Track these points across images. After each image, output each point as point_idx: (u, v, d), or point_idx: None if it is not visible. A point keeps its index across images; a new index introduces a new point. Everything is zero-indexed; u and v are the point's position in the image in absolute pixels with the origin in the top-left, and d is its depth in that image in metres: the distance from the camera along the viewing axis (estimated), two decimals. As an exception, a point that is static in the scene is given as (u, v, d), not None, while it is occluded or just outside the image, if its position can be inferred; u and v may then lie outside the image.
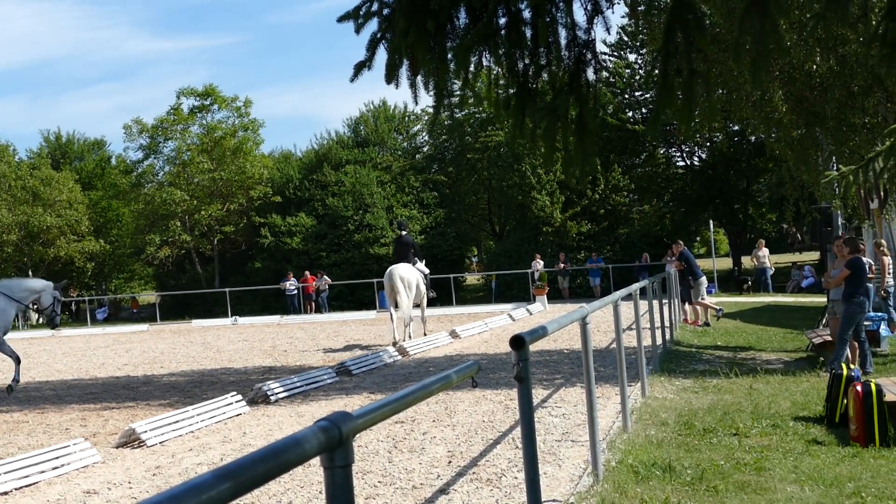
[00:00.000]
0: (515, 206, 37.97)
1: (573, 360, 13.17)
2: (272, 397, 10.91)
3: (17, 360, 13.35)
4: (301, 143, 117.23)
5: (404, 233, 18.72)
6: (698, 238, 46.69)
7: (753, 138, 32.62)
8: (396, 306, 17.02)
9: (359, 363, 13.78)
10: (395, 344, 16.43)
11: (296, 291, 34.83)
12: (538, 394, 10.01)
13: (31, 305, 13.99)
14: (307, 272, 35.56)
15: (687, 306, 19.13)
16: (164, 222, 41.44)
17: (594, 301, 7.67)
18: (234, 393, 10.58)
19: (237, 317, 32.40)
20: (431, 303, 19.87)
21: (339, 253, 38.50)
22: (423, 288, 17.82)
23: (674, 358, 13.08)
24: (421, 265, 18.24)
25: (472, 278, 44.13)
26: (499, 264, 36.69)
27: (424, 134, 45.44)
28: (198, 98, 43.22)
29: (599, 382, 10.04)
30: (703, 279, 18.91)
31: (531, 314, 24.79)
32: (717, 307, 18.63)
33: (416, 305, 18.01)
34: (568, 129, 4.30)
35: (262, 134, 66.24)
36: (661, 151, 39.20)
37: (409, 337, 17.67)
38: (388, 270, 17.35)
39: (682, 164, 39.59)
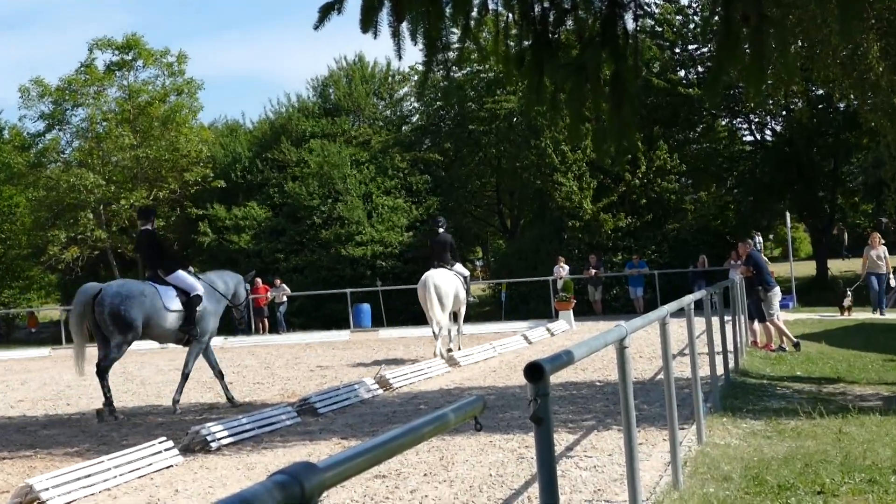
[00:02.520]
0: (532, 193, 38.02)
1: (607, 396, 13.18)
2: (213, 444, 10.90)
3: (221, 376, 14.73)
4: (252, 111, 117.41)
5: (441, 230, 20.05)
6: (771, 236, 46.66)
7: (843, 106, 32.67)
8: (432, 318, 19.00)
9: (326, 399, 13.76)
10: (442, 356, 18.53)
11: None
12: (562, 439, 10.01)
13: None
14: (259, 280, 35.55)
15: (756, 325, 19.14)
16: (71, 214, 41.36)
17: (635, 318, 7.68)
18: (164, 438, 10.57)
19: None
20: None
21: (302, 255, 38.53)
22: (462, 295, 19.43)
23: (740, 392, 13.09)
24: (459, 266, 19.85)
25: (475, 287, 44.17)
26: (510, 269, 36.76)
27: (413, 99, 45.45)
28: (116, 52, 43.21)
29: (642, 424, 10.04)
30: (777, 290, 18.90)
31: (553, 335, 24.81)
32: (795, 339, 18.39)
33: (454, 314, 19.72)
34: (600, 93, 4.30)
35: (201, 99, 66.29)
36: (723, 123, 39.30)
37: (459, 347, 20.00)
38: (423, 277, 19.24)
39: (749, 139, 39.69)
